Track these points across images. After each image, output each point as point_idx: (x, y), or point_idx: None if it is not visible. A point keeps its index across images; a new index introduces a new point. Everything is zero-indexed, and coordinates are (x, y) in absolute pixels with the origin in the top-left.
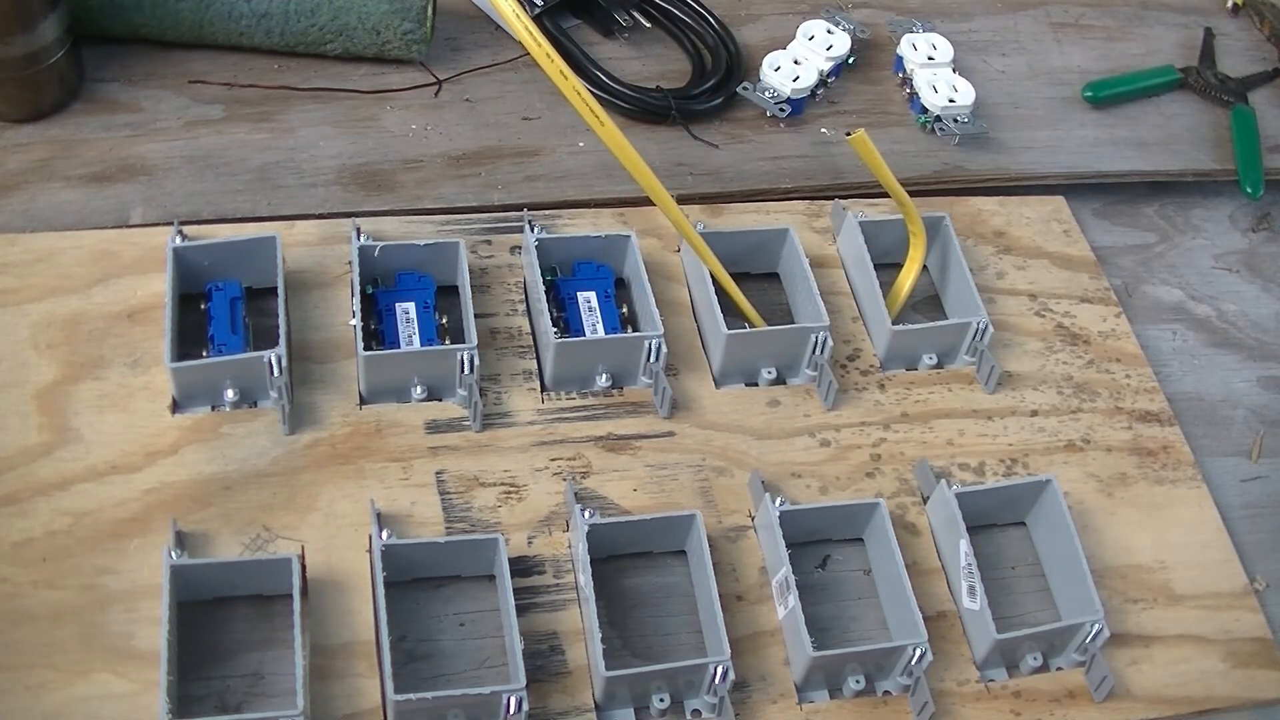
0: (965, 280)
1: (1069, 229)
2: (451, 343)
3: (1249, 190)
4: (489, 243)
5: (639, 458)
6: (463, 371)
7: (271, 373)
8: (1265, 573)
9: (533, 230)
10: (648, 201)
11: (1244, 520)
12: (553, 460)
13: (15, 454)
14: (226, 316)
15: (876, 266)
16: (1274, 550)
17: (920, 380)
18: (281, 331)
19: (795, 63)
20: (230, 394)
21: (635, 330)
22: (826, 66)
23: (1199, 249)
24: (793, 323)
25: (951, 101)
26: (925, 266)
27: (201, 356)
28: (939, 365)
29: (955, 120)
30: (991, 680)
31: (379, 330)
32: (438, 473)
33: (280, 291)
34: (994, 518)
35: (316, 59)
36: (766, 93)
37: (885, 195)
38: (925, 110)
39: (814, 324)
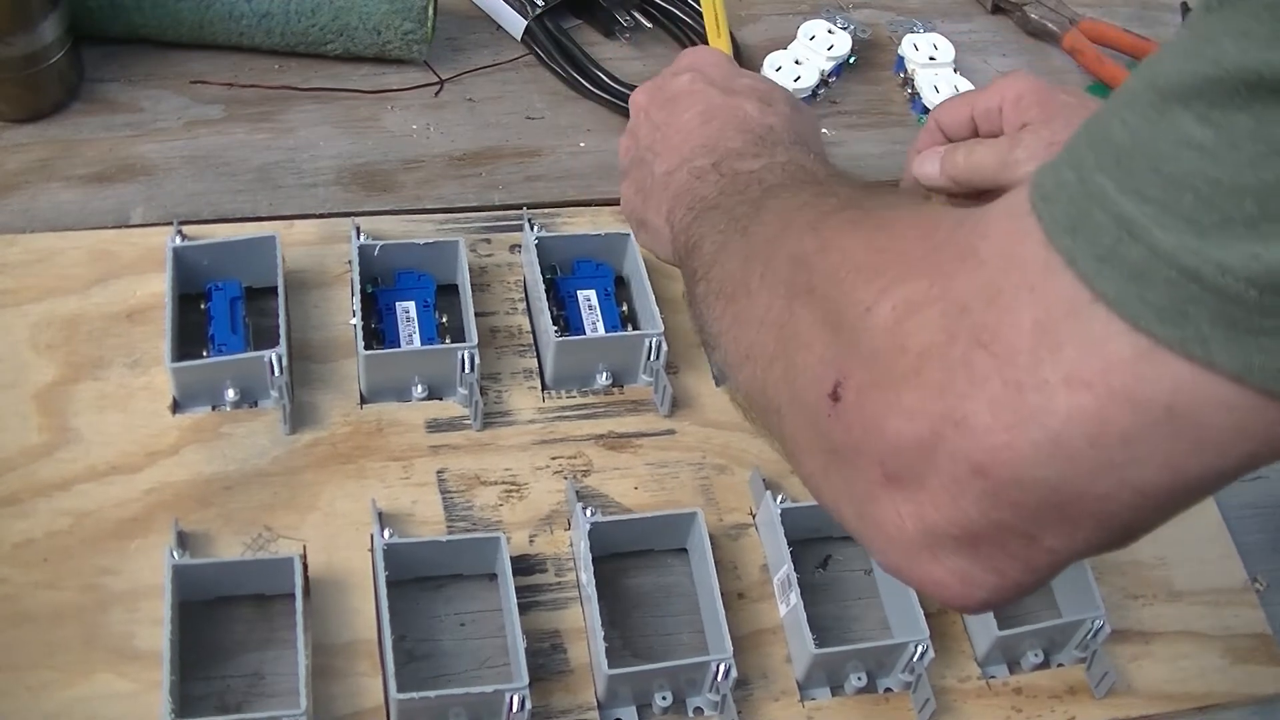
0: None
1: None
2: (452, 341)
3: None
4: (489, 241)
5: (640, 456)
6: (463, 370)
7: (272, 372)
8: (1265, 573)
9: (532, 229)
10: None
11: (1244, 520)
12: (554, 459)
13: (15, 454)
14: (226, 316)
15: None
16: (1274, 550)
17: None
18: (282, 331)
19: (796, 63)
20: (231, 394)
21: (635, 328)
22: (827, 66)
23: None
24: None
25: None
26: None
27: (202, 356)
28: None
29: None
30: (993, 677)
31: (379, 329)
32: (439, 471)
33: (280, 291)
34: None
35: (317, 59)
36: None
37: None
38: (927, 110)
39: None
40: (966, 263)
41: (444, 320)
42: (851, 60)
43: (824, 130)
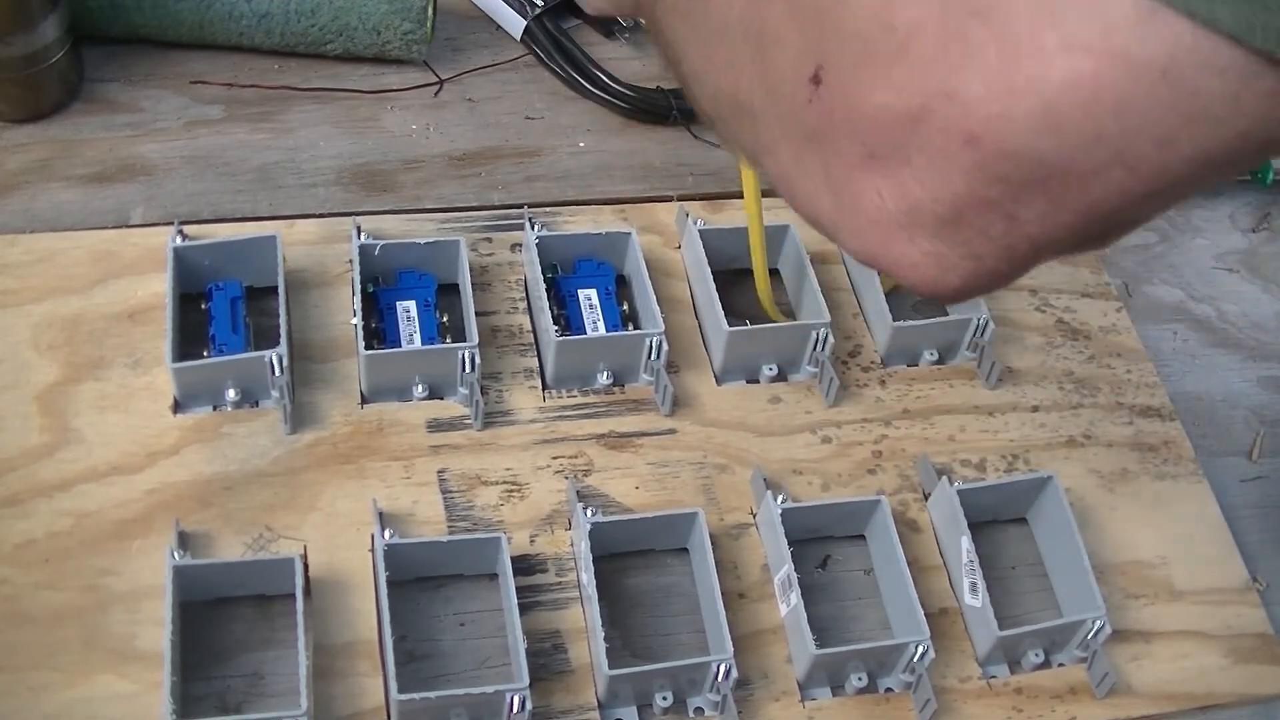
0: None
1: None
2: (452, 341)
3: (1259, 176)
4: (489, 240)
5: (640, 455)
6: (464, 370)
7: (273, 372)
8: (1265, 573)
9: (533, 228)
10: (648, 199)
11: (1244, 520)
12: (554, 458)
13: (16, 455)
14: (227, 316)
15: None
16: (1275, 550)
17: (921, 376)
18: (282, 331)
19: None
20: (231, 394)
21: (636, 328)
22: None
23: (1199, 249)
24: (794, 319)
25: None
26: None
27: (202, 356)
28: (940, 361)
29: None
30: (994, 677)
31: (380, 329)
32: (439, 471)
33: (281, 291)
34: (995, 514)
35: (316, 59)
36: None
37: None
38: None
39: (815, 321)
40: None
41: (445, 320)
42: None
43: None
